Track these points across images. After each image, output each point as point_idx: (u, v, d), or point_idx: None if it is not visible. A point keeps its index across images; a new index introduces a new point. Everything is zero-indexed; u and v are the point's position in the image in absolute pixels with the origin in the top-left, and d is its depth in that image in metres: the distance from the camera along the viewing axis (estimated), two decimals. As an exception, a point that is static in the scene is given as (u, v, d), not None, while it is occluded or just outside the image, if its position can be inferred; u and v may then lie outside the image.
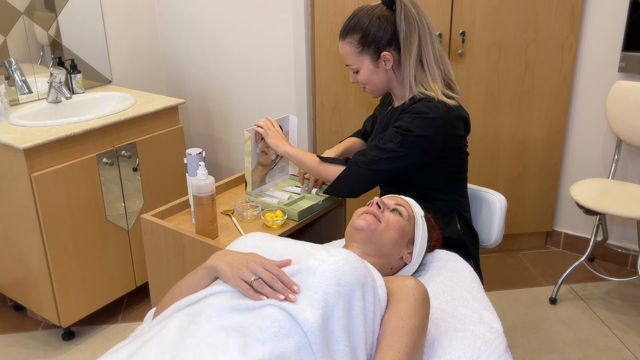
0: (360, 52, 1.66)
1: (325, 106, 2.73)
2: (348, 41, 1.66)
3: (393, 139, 1.60)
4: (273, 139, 1.79)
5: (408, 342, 1.09)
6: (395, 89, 1.72)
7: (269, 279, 1.09)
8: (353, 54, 1.67)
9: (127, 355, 1.05)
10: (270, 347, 0.98)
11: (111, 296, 2.44)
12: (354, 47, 1.66)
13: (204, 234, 1.68)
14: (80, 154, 2.20)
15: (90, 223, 2.27)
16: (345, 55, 1.70)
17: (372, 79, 1.69)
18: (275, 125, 1.84)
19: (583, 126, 2.79)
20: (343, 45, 1.68)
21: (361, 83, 1.73)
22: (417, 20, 1.61)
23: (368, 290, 1.12)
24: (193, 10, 2.96)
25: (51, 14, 2.57)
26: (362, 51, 1.65)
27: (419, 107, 1.60)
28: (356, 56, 1.67)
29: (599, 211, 2.33)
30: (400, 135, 1.59)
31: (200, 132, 3.22)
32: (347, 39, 1.66)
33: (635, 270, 2.78)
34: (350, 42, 1.66)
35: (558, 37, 2.62)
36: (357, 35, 1.64)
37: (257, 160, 1.87)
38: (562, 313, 2.49)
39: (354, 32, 1.65)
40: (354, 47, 1.66)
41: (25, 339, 2.39)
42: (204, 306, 1.09)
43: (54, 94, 2.44)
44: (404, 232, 1.37)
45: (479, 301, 1.36)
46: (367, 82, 1.71)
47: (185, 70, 3.12)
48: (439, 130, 1.58)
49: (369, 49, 1.64)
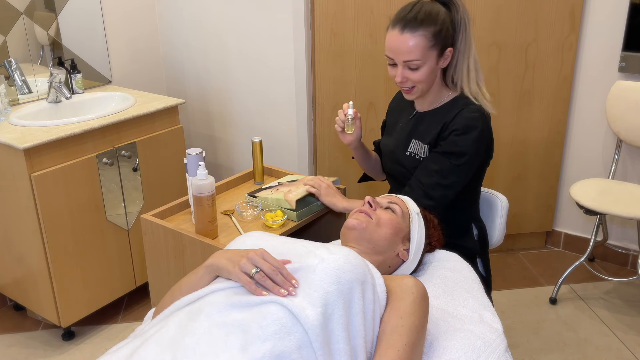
0: (431, 46, 1.52)
1: (325, 106, 2.73)
2: (421, 33, 1.50)
3: (452, 171, 1.56)
4: (328, 197, 1.74)
5: (408, 341, 1.09)
6: (432, 91, 1.64)
7: (269, 271, 1.10)
8: (424, 48, 1.52)
9: (127, 354, 1.05)
10: (271, 345, 0.98)
11: (111, 296, 2.44)
12: (427, 40, 1.51)
13: (204, 234, 1.68)
14: (80, 154, 2.20)
15: (90, 223, 2.27)
16: (412, 49, 1.52)
17: (430, 76, 1.57)
18: (326, 182, 1.77)
19: (583, 126, 2.79)
20: (413, 37, 1.51)
21: (415, 81, 1.58)
22: (470, 20, 1.57)
23: (368, 289, 1.12)
24: (193, 10, 2.96)
25: (51, 14, 2.57)
26: (433, 46, 1.52)
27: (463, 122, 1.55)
28: (427, 51, 1.52)
29: (599, 211, 2.33)
30: (456, 166, 1.56)
31: (200, 132, 3.22)
32: (420, 30, 1.50)
33: (635, 270, 2.78)
34: (424, 34, 1.50)
35: (558, 37, 2.62)
36: (432, 28, 1.51)
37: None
38: (562, 313, 2.49)
39: (429, 24, 1.51)
40: (427, 40, 1.51)
41: (25, 339, 2.39)
42: (204, 304, 1.09)
43: (54, 94, 2.44)
44: (398, 228, 1.37)
45: (479, 301, 1.36)
46: (424, 80, 1.57)
47: (185, 70, 3.12)
48: (482, 143, 1.58)
49: (439, 44, 1.53)
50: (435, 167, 1.58)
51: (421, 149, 1.66)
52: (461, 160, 1.56)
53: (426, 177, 1.59)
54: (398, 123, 1.78)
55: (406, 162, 1.70)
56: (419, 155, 1.67)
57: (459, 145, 1.55)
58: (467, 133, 1.55)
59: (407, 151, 1.70)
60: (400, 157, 1.72)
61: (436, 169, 1.58)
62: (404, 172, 1.71)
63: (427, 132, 1.66)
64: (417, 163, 1.67)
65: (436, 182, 1.58)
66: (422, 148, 1.66)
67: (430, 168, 1.59)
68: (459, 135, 1.56)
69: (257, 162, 2.05)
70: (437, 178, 1.57)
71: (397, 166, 1.74)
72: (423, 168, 1.62)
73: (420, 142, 1.67)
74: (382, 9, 2.53)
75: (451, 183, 1.58)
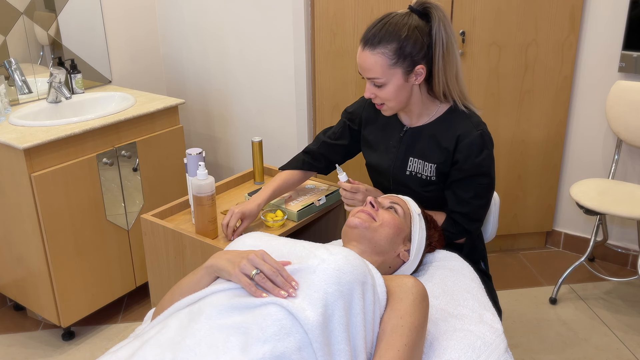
0: (393, 64, 1.47)
1: (325, 106, 2.73)
2: (380, 51, 1.46)
3: (485, 190, 1.58)
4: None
5: (407, 341, 1.09)
6: (414, 106, 1.59)
7: (269, 272, 1.10)
8: (384, 66, 1.47)
9: (127, 355, 1.05)
10: (271, 346, 0.98)
11: (111, 296, 2.44)
12: (387, 59, 1.46)
13: (204, 234, 1.68)
14: (80, 154, 2.20)
15: (90, 223, 2.27)
16: (371, 67, 1.48)
17: (398, 94, 1.52)
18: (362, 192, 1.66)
19: (583, 126, 2.79)
20: (371, 55, 1.47)
21: (383, 99, 1.54)
22: (452, 32, 1.51)
23: (368, 289, 1.12)
24: (193, 10, 2.96)
25: (51, 14, 2.57)
26: (396, 63, 1.47)
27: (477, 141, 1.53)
28: (388, 69, 1.48)
29: (599, 211, 2.33)
30: (487, 185, 1.58)
31: (200, 132, 3.22)
32: (379, 48, 1.46)
33: (635, 270, 2.78)
34: (383, 52, 1.46)
35: (558, 37, 2.62)
36: (392, 46, 1.46)
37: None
38: (562, 313, 2.49)
39: (389, 41, 1.46)
40: (387, 58, 1.46)
41: (25, 339, 2.39)
42: (204, 305, 1.09)
43: (54, 94, 2.44)
44: (399, 229, 1.37)
45: (479, 301, 1.36)
46: (391, 98, 1.53)
47: (185, 70, 3.12)
48: (493, 152, 1.59)
49: (404, 61, 1.47)
50: (470, 194, 1.58)
51: (425, 167, 1.61)
52: (489, 178, 1.58)
53: (465, 207, 1.59)
54: (388, 140, 1.69)
55: (409, 181, 1.65)
56: (423, 174, 1.62)
57: (483, 166, 1.55)
58: (482, 151, 1.54)
59: (407, 171, 1.65)
60: (400, 177, 1.67)
61: (472, 195, 1.58)
62: (407, 191, 1.67)
63: (430, 150, 1.60)
64: (421, 182, 1.63)
65: (476, 206, 1.59)
66: (427, 167, 1.61)
67: (465, 197, 1.58)
68: (478, 156, 1.54)
69: (257, 162, 2.05)
70: (475, 202, 1.59)
71: (398, 186, 1.69)
72: (456, 200, 1.60)
73: (422, 161, 1.62)
74: (382, 9, 2.53)
75: (487, 200, 1.62)
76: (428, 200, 1.64)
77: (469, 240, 1.66)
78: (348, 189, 1.64)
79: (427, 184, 1.62)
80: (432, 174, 1.60)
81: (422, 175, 1.62)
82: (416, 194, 1.63)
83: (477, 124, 1.56)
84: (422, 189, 1.63)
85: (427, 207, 1.63)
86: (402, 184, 1.67)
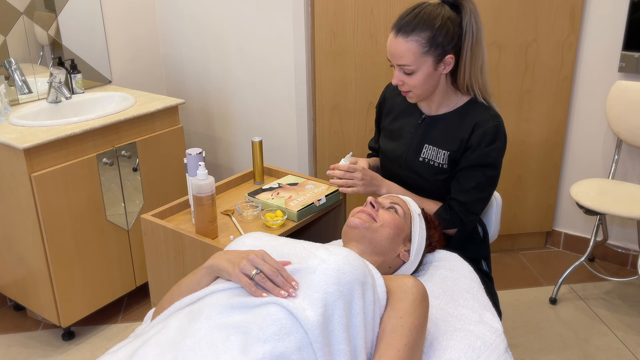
0: (425, 52, 1.50)
1: (325, 106, 2.73)
2: (414, 39, 1.49)
3: (489, 183, 1.60)
4: (368, 188, 1.67)
5: (407, 341, 1.09)
6: (437, 95, 1.62)
7: (269, 272, 1.10)
8: (416, 54, 1.50)
9: (127, 355, 1.05)
10: (271, 346, 0.98)
11: (111, 296, 2.44)
12: (420, 46, 1.49)
13: (204, 234, 1.68)
14: (80, 154, 2.20)
15: (90, 223, 2.27)
16: (403, 54, 1.51)
17: (426, 82, 1.55)
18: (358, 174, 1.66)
19: (583, 126, 2.79)
20: (404, 42, 1.50)
21: (410, 87, 1.57)
22: (482, 24, 1.54)
23: (368, 289, 1.12)
24: (193, 10, 2.96)
25: (51, 14, 2.57)
26: (428, 52, 1.50)
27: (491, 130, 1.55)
28: (419, 56, 1.51)
29: (599, 211, 2.33)
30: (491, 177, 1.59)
31: (200, 132, 3.22)
32: (413, 36, 1.49)
33: (635, 270, 2.78)
34: (417, 40, 1.49)
35: (558, 37, 2.62)
36: (425, 34, 1.49)
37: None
38: (562, 313, 2.49)
39: (423, 29, 1.49)
40: (420, 45, 1.49)
41: (25, 339, 2.39)
42: (204, 305, 1.09)
43: (54, 94, 2.44)
44: (400, 229, 1.37)
45: (479, 301, 1.36)
46: (419, 85, 1.56)
47: (185, 70, 3.12)
48: (505, 148, 1.61)
49: (436, 50, 1.50)
50: (472, 183, 1.59)
51: (438, 154, 1.63)
52: (495, 171, 1.59)
53: (465, 195, 1.60)
54: (404, 127, 1.72)
55: (420, 168, 1.66)
56: (436, 161, 1.64)
57: (491, 156, 1.57)
58: (494, 142, 1.56)
59: (420, 157, 1.66)
60: (412, 164, 1.68)
61: (474, 185, 1.59)
62: (417, 179, 1.68)
63: (444, 137, 1.63)
64: (433, 170, 1.64)
65: (476, 198, 1.60)
66: (440, 154, 1.63)
67: (467, 186, 1.59)
68: (489, 145, 1.56)
69: (257, 162, 2.05)
70: (476, 193, 1.59)
71: (409, 173, 1.70)
72: (458, 187, 1.61)
73: (437, 148, 1.63)
74: (382, 9, 2.53)
75: (489, 194, 1.63)
76: (438, 189, 1.66)
77: (460, 233, 1.66)
78: (345, 169, 1.68)
79: (439, 171, 1.64)
80: (444, 161, 1.62)
81: (434, 162, 1.64)
82: (426, 182, 1.66)
83: (494, 116, 1.59)
84: (433, 177, 1.65)
85: (433, 197, 1.67)
86: (414, 170, 1.68)
